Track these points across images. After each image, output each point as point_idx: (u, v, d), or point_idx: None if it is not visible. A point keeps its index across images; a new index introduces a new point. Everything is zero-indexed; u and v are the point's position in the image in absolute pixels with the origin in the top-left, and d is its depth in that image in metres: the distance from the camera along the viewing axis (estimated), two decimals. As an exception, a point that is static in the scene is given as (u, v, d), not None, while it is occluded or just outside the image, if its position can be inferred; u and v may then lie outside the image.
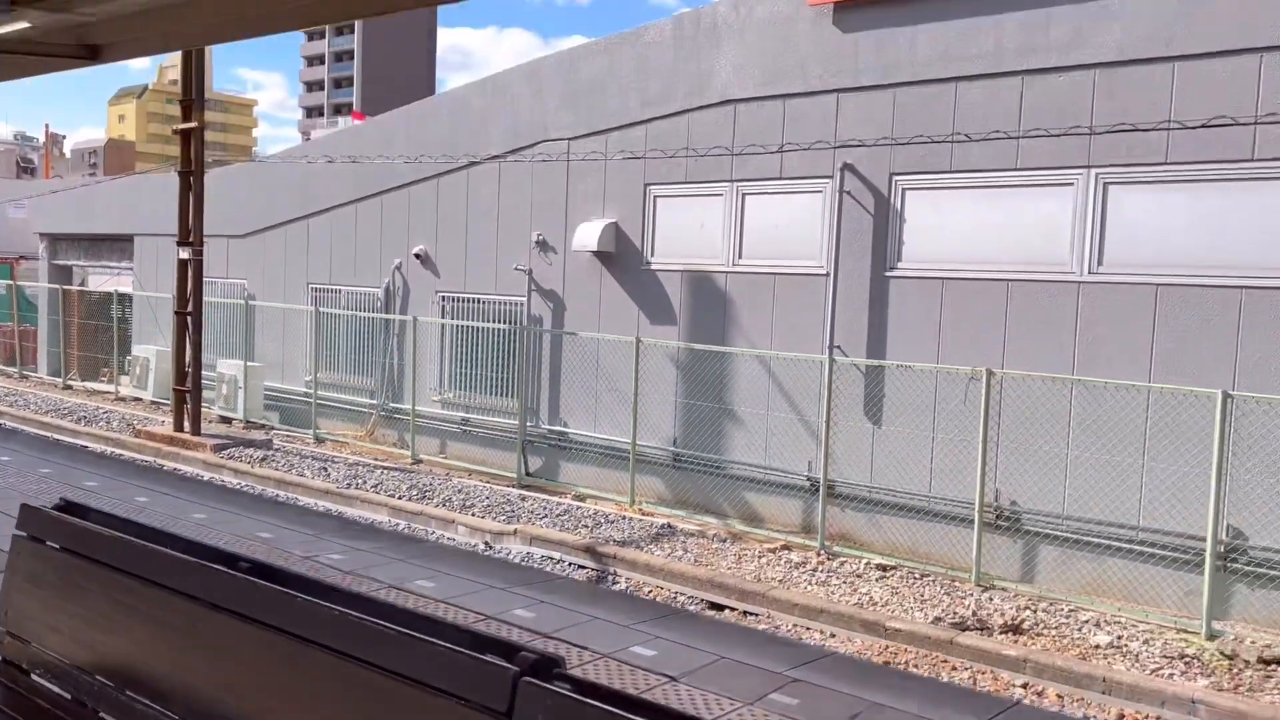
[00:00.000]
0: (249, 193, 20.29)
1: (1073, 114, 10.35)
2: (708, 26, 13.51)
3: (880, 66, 11.87)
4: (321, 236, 18.76)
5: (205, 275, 17.47)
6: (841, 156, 12.13)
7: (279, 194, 19.63)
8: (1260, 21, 9.30)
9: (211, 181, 18.05)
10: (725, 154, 13.18)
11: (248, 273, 20.29)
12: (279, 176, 19.96)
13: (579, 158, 14.77)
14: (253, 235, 20.10)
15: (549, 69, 15.37)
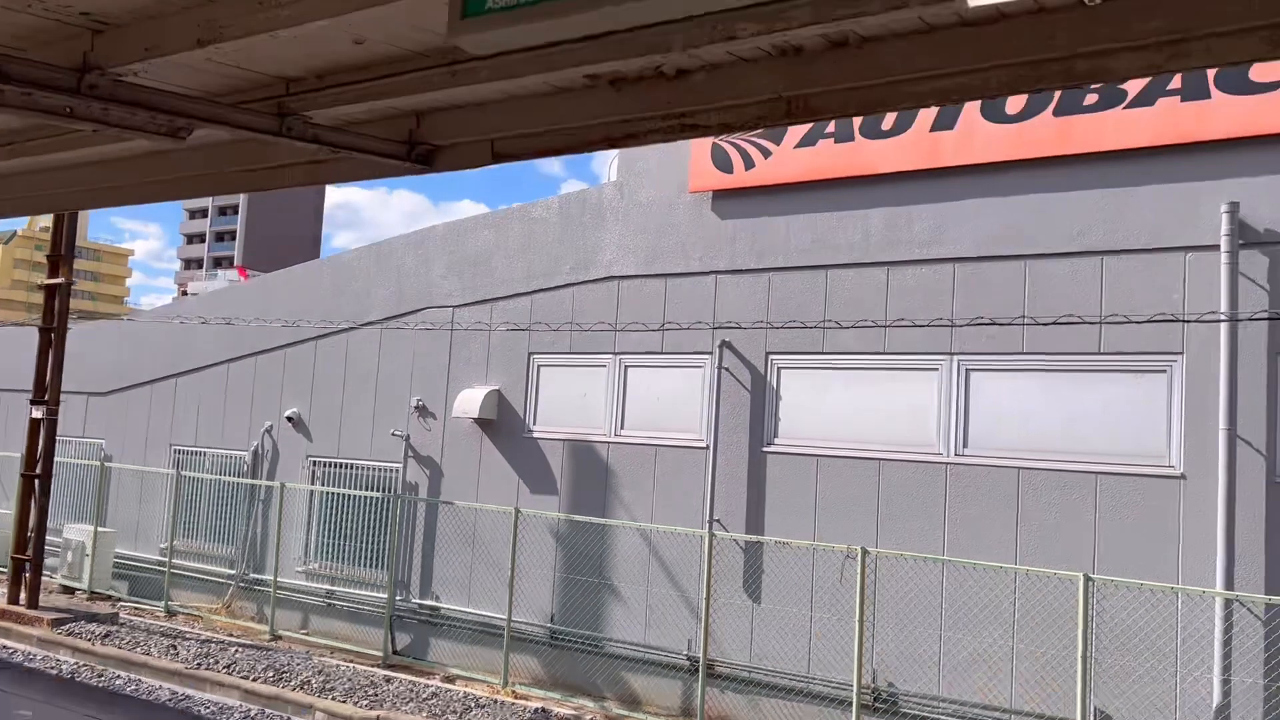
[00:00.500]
0: (115, 349, 19.54)
1: (936, 303, 10.94)
2: (593, 206, 13.97)
3: (756, 251, 12.41)
4: (190, 396, 18.09)
5: (60, 434, 16.53)
6: (720, 335, 12.47)
7: (147, 351, 18.96)
8: (1097, 228, 10.14)
9: (75, 337, 17.34)
10: (609, 329, 13.40)
11: (107, 432, 19.31)
12: (149, 333, 19.33)
13: (463, 326, 14.80)
14: (115, 393, 19.25)
15: (437, 238, 15.54)
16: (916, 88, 4.61)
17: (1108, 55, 4.08)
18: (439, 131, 5.98)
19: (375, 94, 5.06)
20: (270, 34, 3.90)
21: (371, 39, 4.56)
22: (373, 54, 4.80)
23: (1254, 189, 9.39)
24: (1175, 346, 9.67)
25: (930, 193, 11.15)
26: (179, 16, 4.10)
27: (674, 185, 13.13)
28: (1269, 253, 9.32)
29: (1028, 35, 4.14)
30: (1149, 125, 9.80)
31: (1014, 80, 4.33)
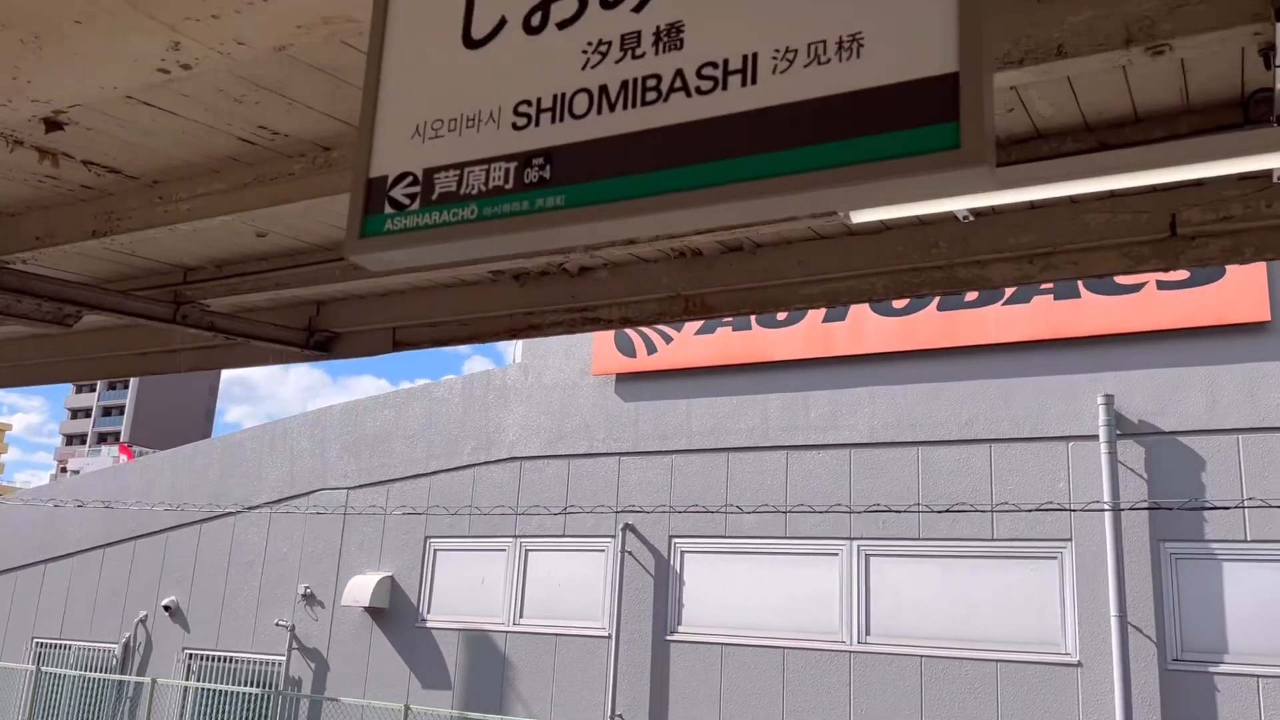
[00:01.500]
0: (-21, 533, 18.31)
1: (834, 488, 11.09)
2: (498, 387, 13.97)
3: (659, 434, 12.49)
4: (58, 584, 16.92)
5: (-95, 628, 15.17)
6: (624, 518, 12.34)
7: (16, 536, 17.80)
8: (984, 416, 10.53)
9: (-65, 520, 16.20)
10: (509, 512, 13.16)
11: (-40, 623, 17.82)
12: (19, 516, 18.21)
13: (357, 509, 14.35)
14: (-26, 581, 17.90)
15: (334, 418, 15.25)
16: (808, 290, 4.80)
17: (985, 265, 4.33)
18: (339, 319, 5.96)
19: (275, 284, 5.03)
20: (170, 227, 3.88)
21: (274, 231, 4.57)
22: (274, 245, 4.81)
23: (1127, 382, 9.93)
24: (1064, 534, 9.93)
25: (826, 380, 11.49)
26: (75, 208, 4.05)
27: (578, 367, 13.27)
28: (1144, 443, 9.77)
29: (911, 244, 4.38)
30: (1026, 321, 10.38)
31: (899, 285, 4.54)
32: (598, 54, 1.69)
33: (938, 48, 1.40)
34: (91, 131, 3.39)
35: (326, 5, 2.21)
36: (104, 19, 2.30)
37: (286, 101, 3.13)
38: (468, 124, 1.78)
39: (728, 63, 1.57)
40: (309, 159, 3.56)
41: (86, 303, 4.85)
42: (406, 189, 1.80)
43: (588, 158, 1.65)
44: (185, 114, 3.23)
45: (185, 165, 3.70)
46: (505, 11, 1.80)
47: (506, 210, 1.70)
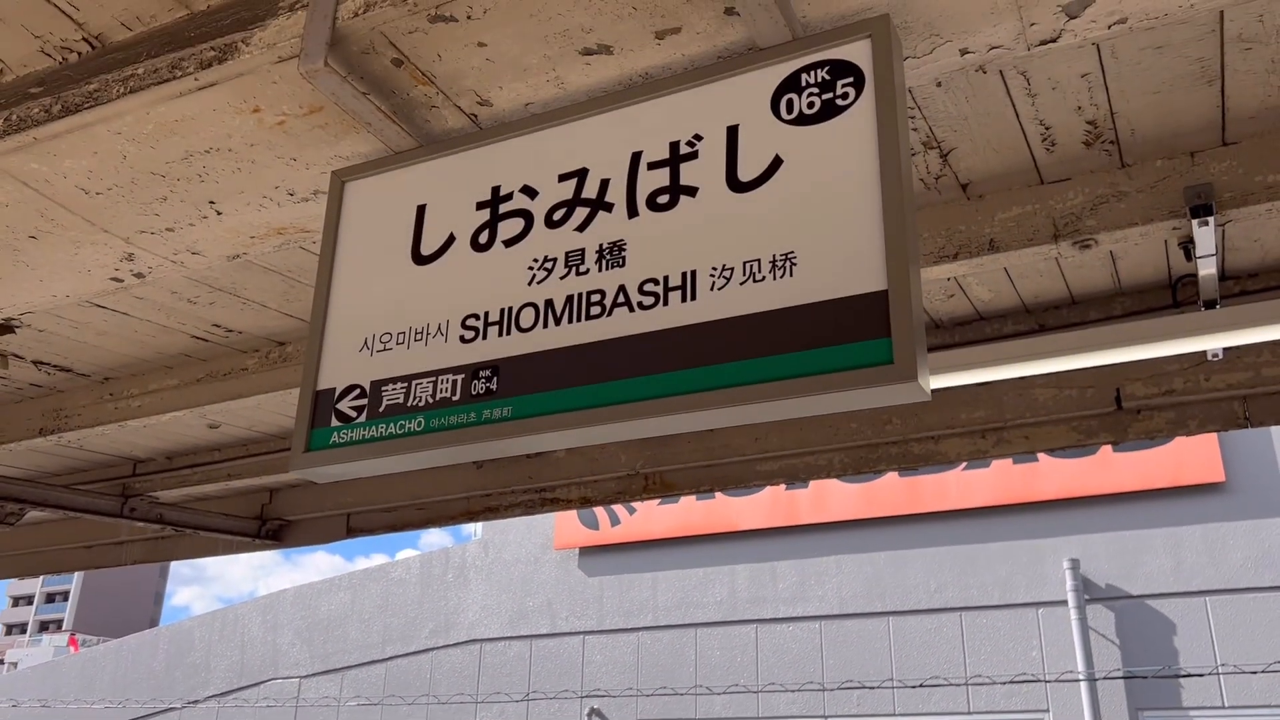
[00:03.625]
0: (-97, 737, 17.17)
1: (806, 662, 10.79)
2: (456, 564, 13.64)
3: (624, 610, 12.18)
4: (-15, 792, 15.80)
5: None
6: (589, 703, 11.87)
7: (-58, 739, 16.70)
8: (952, 584, 10.42)
9: None
10: (469, 700, 12.62)
11: (-126, 841, 16.47)
12: (-53, 717, 17.14)
13: (309, 701, 13.70)
14: (-106, 791, 16.66)
15: (287, 602, 14.74)
16: (765, 466, 4.81)
17: (939, 440, 4.38)
18: (292, 506, 5.85)
19: (227, 474, 4.96)
20: (120, 424, 3.83)
21: (227, 423, 4.54)
22: (227, 436, 4.76)
23: (1092, 545, 9.92)
24: (1041, 705, 9.68)
25: (792, 549, 11.37)
26: (23, 405, 4.01)
27: (540, 542, 13.04)
28: (1114, 607, 9.68)
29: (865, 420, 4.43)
30: (987, 487, 10.43)
31: (856, 461, 4.56)
32: (543, 270, 1.73)
33: (867, 266, 1.45)
34: (43, 333, 3.39)
35: (279, 218, 2.26)
36: (58, 234, 2.33)
37: (241, 301, 3.16)
38: (416, 337, 1.80)
39: (668, 279, 1.61)
40: (263, 354, 3.57)
41: (30, 499, 4.72)
42: (354, 401, 1.80)
43: (534, 370, 1.67)
44: (138, 315, 3.25)
45: (137, 362, 3.70)
46: (454, 229, 1.85)
47: (453, 422, 1.70)
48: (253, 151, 2.05)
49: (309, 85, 1.84)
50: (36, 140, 2.04)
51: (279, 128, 1.98)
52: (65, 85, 2.02)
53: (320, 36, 1.73)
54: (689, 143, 1.70)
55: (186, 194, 2.19)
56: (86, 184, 2.17)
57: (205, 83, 1.87)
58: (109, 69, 1.97)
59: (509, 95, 1.92)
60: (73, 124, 2.00)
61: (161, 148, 2.05)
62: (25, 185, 2.18)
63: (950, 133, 2.34)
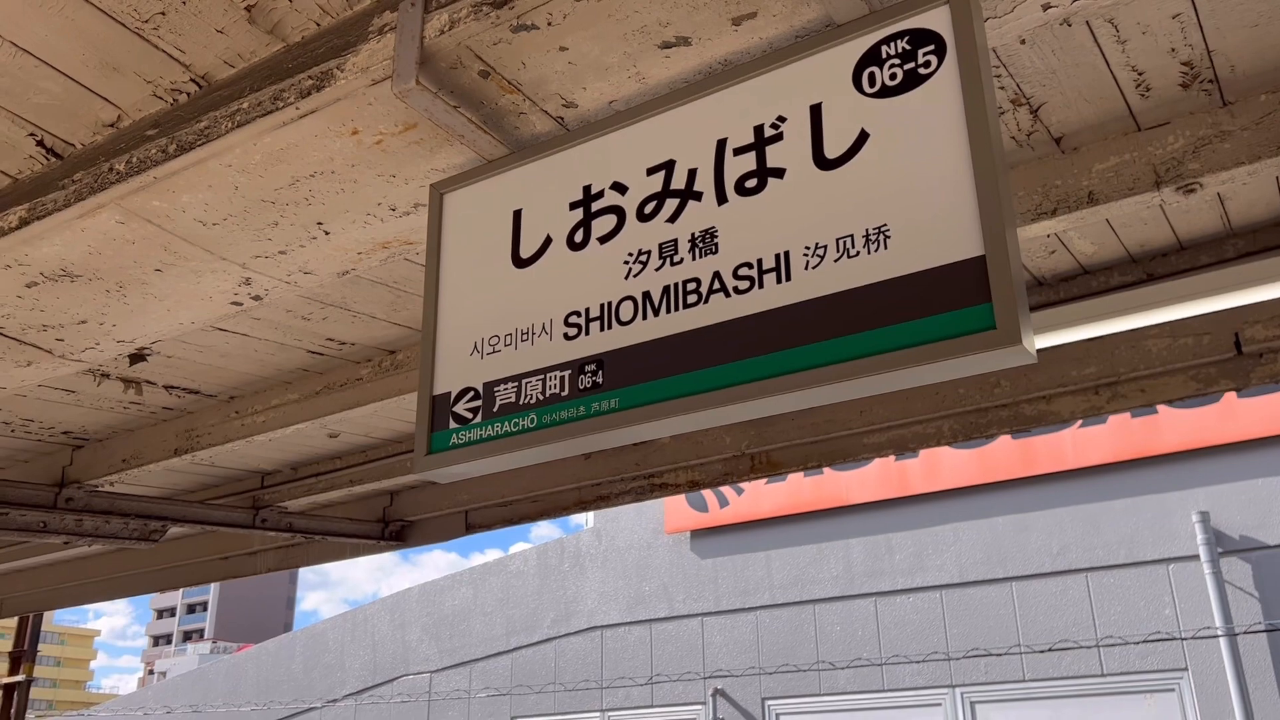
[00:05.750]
0: (71, 746, 18.33)
1: (929, 633, 10.66)
2: (572, 554, 13.87)
3: (740, 590, 12.22)
4: (149, 794, 16.75)
5: None
6: (712, 683, 11.96)
7: (106, 746, 17.78)
8: (1076, 545, 10.15)
9: (29, 737, 16.26)
10: (594, 685, 12.84)
11: (54, 843, 17.63)
12: (109, 725, 18.23)
13: (441, 695, 14.12)
14: (67, 796, 17.79)
15: (412, 600, 15.21)
16: (874, 439, 4.77)
17: (1050, 400, 4.28)
18: (412, 507, 6.04)
19: (349, 481, 5.16)
20: (247, 439, 4.03)
21: (346, 432, 4.72)
22: (347, 444, 4.95)
23: (1222, 496, 9.54)
24: (1179, 663, 9.37)
25: (907, 520, 11.23)
26: (157, 429, 4.24)
27: (651, 527, 13.16)
28: (1250, 559, 9.30)
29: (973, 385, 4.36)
30: (1105, 443, 10.11)
31: (966, 428, 4.49)
32: (639, 263, 1.77)
33: (962, 233, 1.45)
34: (171, 359, 3.59)
35: (383, 233, 2.36)
36: (181, 265, 2.48)
37: (351, 315, 3.30)
38: (522, 337, 1.86)
39: (762, 262, 1.63)
40: (375, 363, 3.71)
41: (171, 517, 5.00)
42: (469, 404, 1.88)
43: (637, 361, 1.71)
44: (257, 335, 3.41)
45: (259, 380, 3.88)
46: (550, 230, 1.91)
47: (564, 416, 1.76)
48: (354, 172, 2.15)
49: (403, 104, 1.92)
50: (156, 179, 2.17)
51: (377, 147, 2.07)
52: (178, 125, 2.14)
53: (410, 56, 1.80)
54: (773, 125, 1.72)
55: (296, 217, 2.30)
56: (204, 216, 2.30)
57: (306, 110, 1.97)
58: (216, 106, 2.09)
59: (592, 95, 1.97)
60: (187, 161, 2.12)
61: (270, 176, 2.16)
62: (149, 222, 2.32)
63: (1039, 88, 2.30)
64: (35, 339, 2.83)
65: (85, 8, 1.94)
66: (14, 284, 2.53)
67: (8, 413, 4.04)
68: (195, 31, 2.01)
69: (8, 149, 2.31)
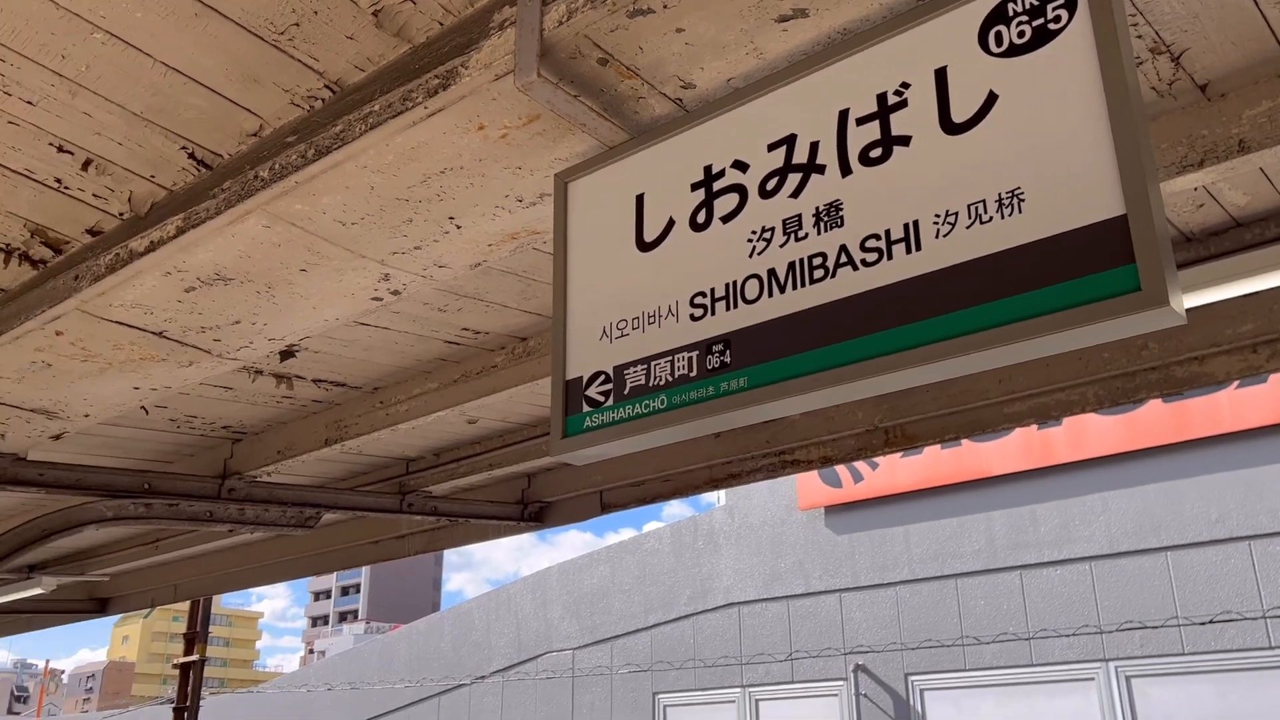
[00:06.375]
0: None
1: (1078, 606, 10.30)
2: (705, 532, 13.94)
3: (879, 566, 12.05)
4: (315, 766, 17.69)
5: (185, 818, 16.14)
6: (853, 659, 11.86)
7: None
8: (1236, 511, 9.61)
9: (206, 712, 17.39)
10: (733, 661, 12.90)
11: (232, 810, 18.83)
12: (275, 702, 19.31)
13: (584, 671, 14.43)
14: (242, 767, 18.97)
15: (553, 579, 15.57)
16: (1014, 408, 4.63)
17: (1203, 360, 4.07)
18: (549, 489, 6.18)
19: (489, 465, 5.31)
20: (391, 428, 4.20)
21: (484, 418, 4.86)
22: (485, 430, 5.10)
23: (1399, 456, 8.89)
24: (1358, 634, 8.80)
25: (1051, 490, 10.86)
26: (308, 420, 4.46)
27: (784, 504, 13.10)
28: None
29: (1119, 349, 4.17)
30: (1266, 404, 9.54)
31: (1112, 393, 4.31)
32: (762, 240, 1.77)
33: (1101, 192, 1.40)
34: (319, 354, 3.76)
35: (511, 224, 2.42)
36: (323, 264, 2.59)
37: (484, 305, 3.39)
38: (649, 320, 1.88)
39: (890, 233, 1.61)
40: (509, 351, 3.81)
41: (324, 504, 5.25)
42: (600, 387, 1.91)
43: (765, 339, 1.71)
44: (397, 328, 3.55)
45: (401, 371, 4.03)
46: (672, 213, 1.92)
47: (693, 397, 1.78)
48: (482, 166, 2.20)
49: (525, 97, 1.96)
50: (297, 184, 2.27)
51: (502, 141, 2.12)
52: (315, 131, 2.24)
53: (530, 50, 1.84)
54: (896, 92, 1.68)
55: (428, 214, 2.38)
56: (343, 216, 2.40)
57: (434, 109, 2.03)
58: (350, 110, 2.18)
59: (710, 74, 1.96)
60: (325, 165, 2.21)
61: (403, 175, 2.24)
62: (293, 225, 2.43)
63: (1180, 34, 2.18)
64: (195, 340, 3.01)
65: (226, 25, 2.05)
66: (174, 289, 2.70)
67: (174, 410, 4.31)
68: (327, 39, 2.10)
69: (163, 163, 2.47)
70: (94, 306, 2.78)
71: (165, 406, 4.26)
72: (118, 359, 3.09)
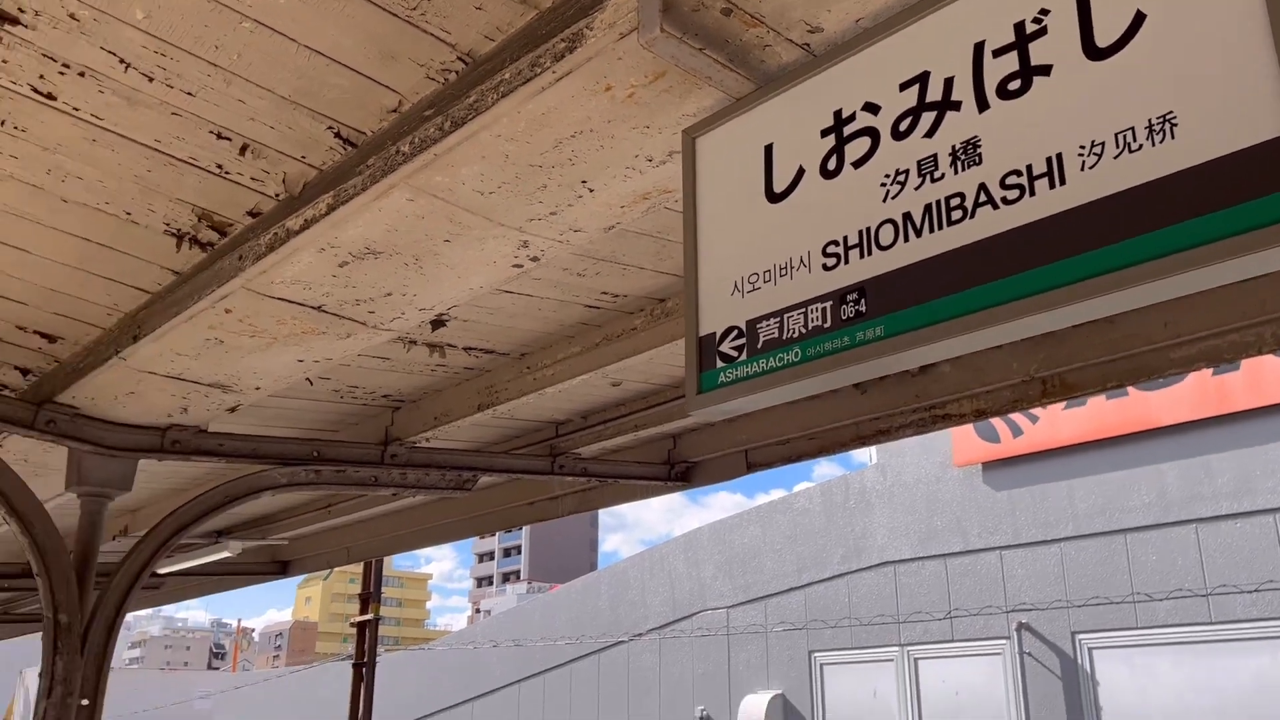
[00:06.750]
0: (417, 678, 20.53)
1: (1264, 560, 9.69)
2: (857, 491, 13.76)
3: (1041, 522, 11.64)
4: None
5: (368, 766, 17.18)
6: (1015, 617, 11.53)
7: (445, 677, 19.77)
8: None
9: (383, 667, 18.40)
10: (890, 620, 12.74)
11: (410, 760, 19.92)
12: (445, 659, 20.25)
13: (739, 629, 14.53)
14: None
15: (704, 539, 15.70)
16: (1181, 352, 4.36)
17: (1404, 292, 3.73)
18: (695, 449, 6.22)
19: (634, 426, 5.39)
20: (539, 392, 4.31)
21: (627, 381, 4.93)
22: (629, 392, 5.16)
23: None
24: None
25: (1227, 439, 10.22)
26: (461, 388, 4.63)
27: (939, 461, 12.79)
28: None
29: (1300, 285, 3.88)
30: None
31: (1293, 332, 4.01)
32: (896, 184, 1.72)
33: (1264, 112, 1.30)
34: (468, 323, 3.89)
35: (643, 184, 2.43)
36: (465, 234, 2.67)
37: (621, 267, 3.42)
38: (781, 272, 1.86)
39: (1031, 168, 1.54)
40: (647, 313, 3.84)
41: (480, 467, 5.44)
42: (734, 342, 1.91)
43: (901, 286, 1.67)
44: (539, 294, 3.62)
45: (545, 336, 4.12)
46: (802, 161, 1.89)
47: (828, 348, 1.75)
48: (611, 128, 2.22)
49: (650, 54, 1.96)
50: (436, 156, 2.34)
51: (629, 100, 2.12)
52: (450, 103, 2.30)
53: (653, 5, 1.83)
54: (1035, 19, 1.60)
55: (562, 178, 2.42)
56: (480, 186, 2.46)
57: (561, 73, 2.05)
58: (482, 80, 2.22)
59: (837, 16, 1.91)
60: (461, 136, 2.27)
61: (535, 141, 2.28)
62: (435, 197, 2.51)
63: (1361, -69, 1.99)
64: (351, 313, 3.16)
65: (363, 5, 2.12)
66: (329, 265, 2.84)
67: (336, 381, 4.55)
68: (457, 11, 2.15)
69: (312, 143, 2.58)
70: (258, 284, 2.95)
71: (329, 378, 4.49)
72: (282, 333, 3.28)
